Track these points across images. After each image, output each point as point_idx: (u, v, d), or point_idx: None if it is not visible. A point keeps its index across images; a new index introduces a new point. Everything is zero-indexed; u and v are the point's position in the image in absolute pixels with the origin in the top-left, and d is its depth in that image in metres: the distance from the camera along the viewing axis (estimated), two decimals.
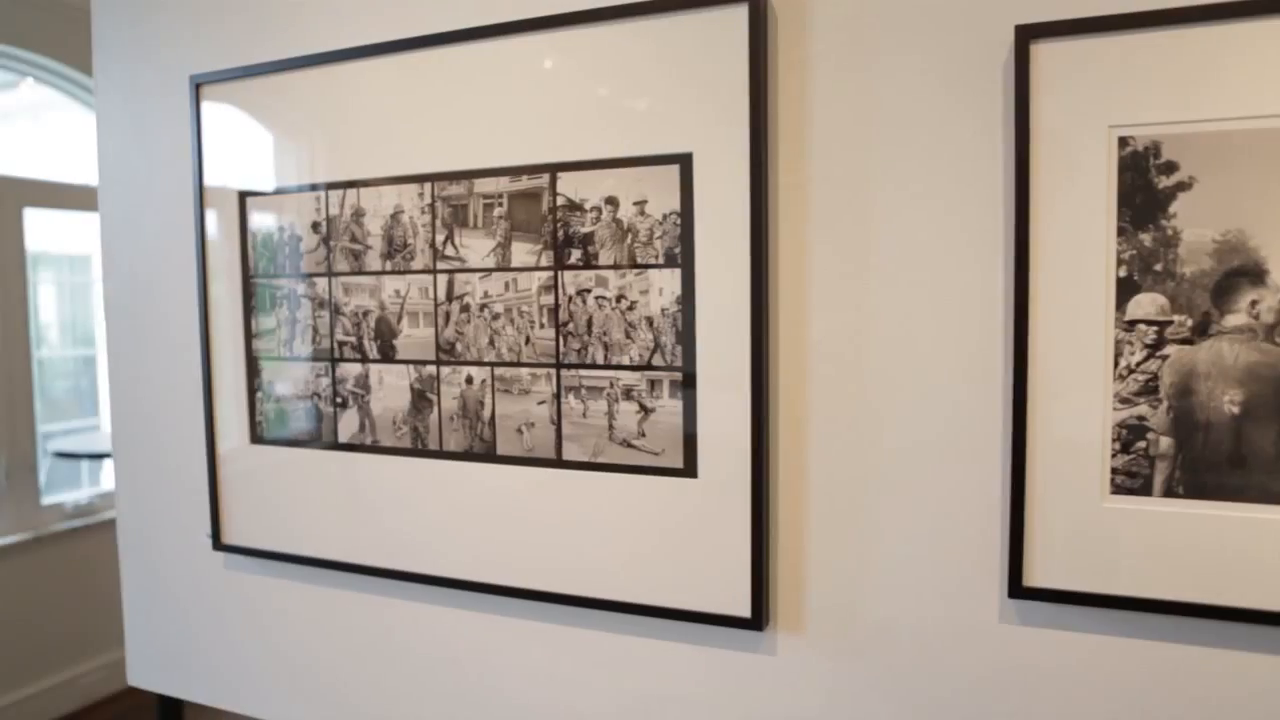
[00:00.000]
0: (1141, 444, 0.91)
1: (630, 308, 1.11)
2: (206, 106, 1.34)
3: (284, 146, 1.29)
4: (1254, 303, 0.86)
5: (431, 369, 1.22)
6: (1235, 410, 0.87)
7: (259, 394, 1.34)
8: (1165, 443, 0.90)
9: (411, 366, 1.23)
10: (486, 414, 1.19)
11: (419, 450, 1.24)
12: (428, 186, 1.20)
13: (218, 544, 1.40)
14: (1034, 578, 0.95)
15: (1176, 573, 0.90)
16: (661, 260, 1.08)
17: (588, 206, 1.11)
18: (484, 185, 1.17)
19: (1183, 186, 0.87)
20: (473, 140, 1.17)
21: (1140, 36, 0.87)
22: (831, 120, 1.02)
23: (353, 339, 1.27)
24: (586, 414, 1.14)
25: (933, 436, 1.01)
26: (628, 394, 1.12)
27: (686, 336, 1.08)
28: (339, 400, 1.28)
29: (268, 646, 1.41)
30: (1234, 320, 0.87)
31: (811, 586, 1.08)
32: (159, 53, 1.41)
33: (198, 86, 1.34)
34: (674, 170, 1.06)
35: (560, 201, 1.12)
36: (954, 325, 0.99)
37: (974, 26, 0.95)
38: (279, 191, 1.30)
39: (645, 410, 1.11)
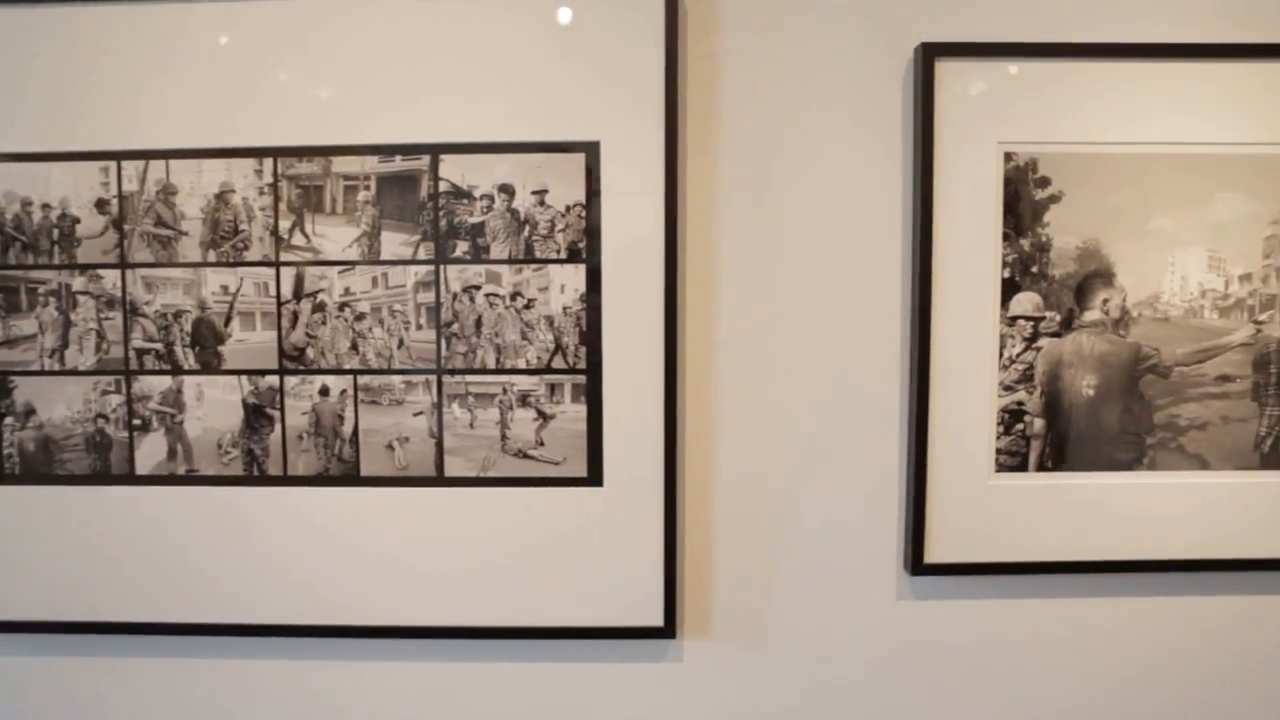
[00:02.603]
0: (1020, 426, 1.02)
1: (527, 306, 1.01)
2: None
3: (50, 99, 0.99)
4: (1105, 301, 1.00)
5: (273, 379, 1.02)
6: (1091, 393, 1.01)
7: (7, 420, 1.03)
8: (1039, 424, 1.02)
9: (245, 378, 1.02)
10: (347, 430, 1.03)
11: (255, 477, 1.03)
12: (268, 163, 1.00)
13: None
14: (933, 555, 1.03)
15: (1049, 537, 1.02)
16: (564, 255, 1.01)
17: (477, 194, 1.00)
18: (345, 164, 1.00)
19: (1054, 199, 0.99)
20: (330, 110, 0.99)
21: (1026, 64, 0.98)
22: (739, 118, 1.02)
23: (158, 346, 1.02)
24: (474, 424, 1.03)
25: (836, 432, 1.05)
26: (524, 400, 1.02)
27: (592, 336, 1.01)
28: (137, 422, 1.03)
29: None
30: (1091, 316, 1.01)
31: (718, 588, 1.07)
32: None
33: None
34: (579, 159, 1.00)
35: (444, 187, 1.00)
36: (856, 323, 1.03)
37: (878, 39, 1.00)
38: (41, 158, 1.01)
39: (544, 417, 1.03)
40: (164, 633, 1.04)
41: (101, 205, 1.01)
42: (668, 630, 1.04)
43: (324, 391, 1.02)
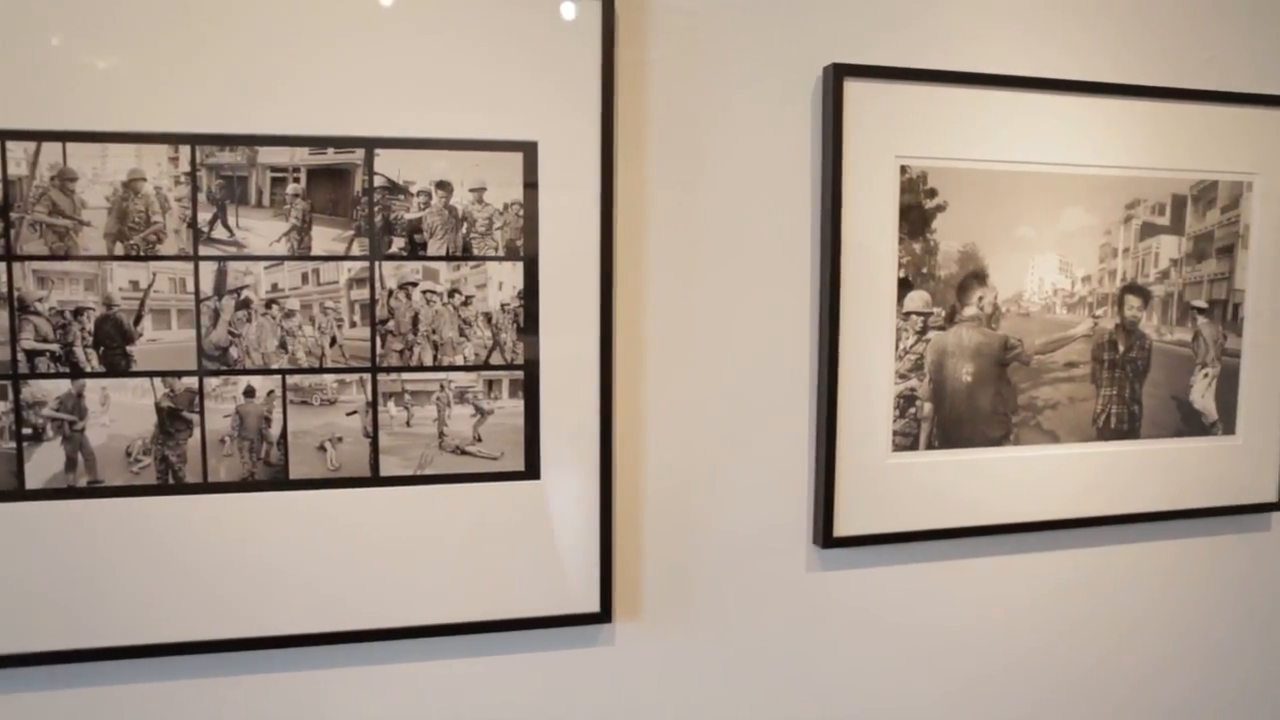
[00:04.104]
0: (913, 409, 1.15)
1: (465, 303, 1.02)
2: None
3: None
4: (980, 298, 1.15)
5: (191, 381, 0.96)
6: (969, 379, 1.16)
7: None
8: (927, 407, 1.15)
9: (159, 380, 0.95)
10: (275, 432, 0.98)
11: (170, 486, 0.96)
12: (185, 150, 0.94)
13: None
14: (840, 529, 1.14)
15: (937, 508, 1.16)
16: (502, 252, 1.02)
17: (414, 190, 0.99)
18: (273, 155, 0.96)
19: (940, 209, 1.13)
20: (257, 96, 0.94)
21: (920, 87, 1.10)
22: (667, 123, 1.08)
23: (54, 346, 0.93)
24: (411, 422, 1.01)
25: (751, 422, 1.13)
26: (461, 397, 1.03)
27: (529, 333, 1.03)
28: (28, 431, 0.93)
29: None
30: (969, 311, 1.15)
31: (648, 572, 1.12)
32: None
33: None
34: (517, 158, 1.01)
35: (379, 182, 0.98)
36: (771, 320, 1.12)
37: (794, 57, 1.09)
38: None
39: (482, 413, 1.03)
40: (64, 660, 0.95)
41: None
42: (604, 615, 1.08)
43: (249, 393, 0.98)
